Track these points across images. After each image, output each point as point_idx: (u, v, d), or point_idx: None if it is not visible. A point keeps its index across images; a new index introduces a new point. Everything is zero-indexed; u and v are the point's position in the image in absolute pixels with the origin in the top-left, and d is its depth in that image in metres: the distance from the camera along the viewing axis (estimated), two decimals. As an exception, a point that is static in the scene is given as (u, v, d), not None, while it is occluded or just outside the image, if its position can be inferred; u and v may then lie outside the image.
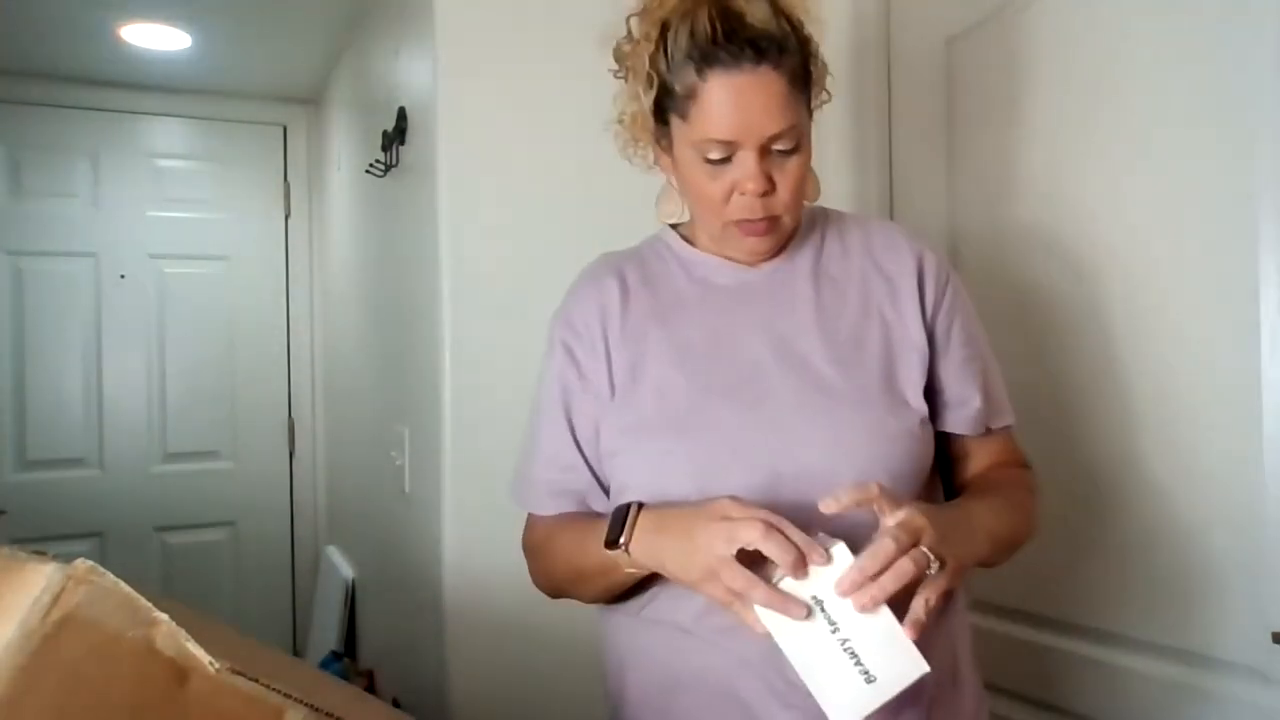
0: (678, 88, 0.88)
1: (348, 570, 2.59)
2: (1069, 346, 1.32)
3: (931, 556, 0.76)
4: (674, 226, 1.04)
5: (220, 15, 2.40)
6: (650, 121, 0.93)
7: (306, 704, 0.60)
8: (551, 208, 1.61)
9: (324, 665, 2.29)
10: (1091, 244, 1.29)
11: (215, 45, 2.61)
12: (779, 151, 0.88)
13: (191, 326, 3.01)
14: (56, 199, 2.86)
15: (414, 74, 1.76)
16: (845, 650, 0.74)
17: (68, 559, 0.58)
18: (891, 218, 1.67)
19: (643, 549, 0.84)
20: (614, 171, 1.01)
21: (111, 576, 0.57)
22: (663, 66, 0.88)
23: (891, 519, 0.77)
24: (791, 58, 0.87)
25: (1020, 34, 1.40)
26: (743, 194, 0.89)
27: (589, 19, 1.75)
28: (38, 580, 0.56)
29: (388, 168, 1.94)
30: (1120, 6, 1.25)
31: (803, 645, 0.75)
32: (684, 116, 0.88)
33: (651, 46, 0.89)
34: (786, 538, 0.75)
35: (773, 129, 0.86)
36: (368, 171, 2.08)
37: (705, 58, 0.85)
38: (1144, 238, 1.22)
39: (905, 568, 0.74)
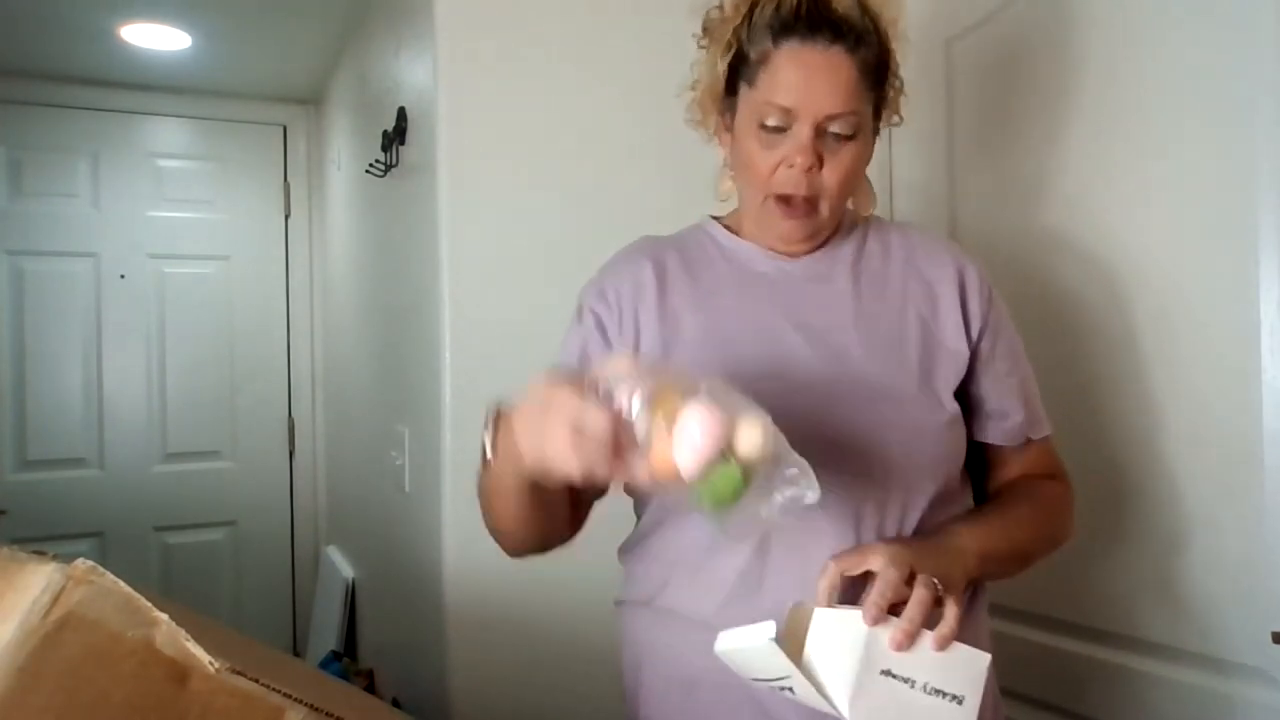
0: (752, 54, 0.90)
1: (348, 570, 2.59)
2: (1069, 347, 1.32)
3: (936, 581, 0.78)
4: (716, 218, 1.04)
5: (220, 15, 2.40)
6: (719, 88, 0.95)
7: (306, 704, 0.60)
8: (551, 207, 1.61)
9: (324, 665, 2.29)
10: (1092, 244, 1.29)
11: (215, 45, 2.61)
12: (834, 135, 0.89)
13: (191, 326, 3.01)
14: (56, 199, 2.87)
15: (414, 74, 1.76)
16: (930, 693, 0.75)
17: (68, 559, 0.58)
18: (891, 219, 1.67)
19: (504, 441, 0.80)
20: (614, 171, 1.01)
21: (111, 576, 0.57)
22: (743, 35, 0.91)
23: (874, 564, 0.80)
24: (867, 51, 0.89)
25: (1020, 34, 1.40)
26: (790, 167, 0.89)
27: (589, 19, 1.75)
28: (38, 580, 0.56)
29: (388, 168, 1.94)
30: (1121, 7, 1.24)
31: (903, 713, 0.75)
32: (751, 83, 0.90)
33: (738, 19, 0.92)
34: None
35: (831, 108, 0.87)
36: (368, 171, 2.08)
37: (784, 27, 0.88)
38: (1145, 237, 1.22)
39: (922, 595, 0.76)
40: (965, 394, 0.97)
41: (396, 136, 1.86)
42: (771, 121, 0.89)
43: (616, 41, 1.65)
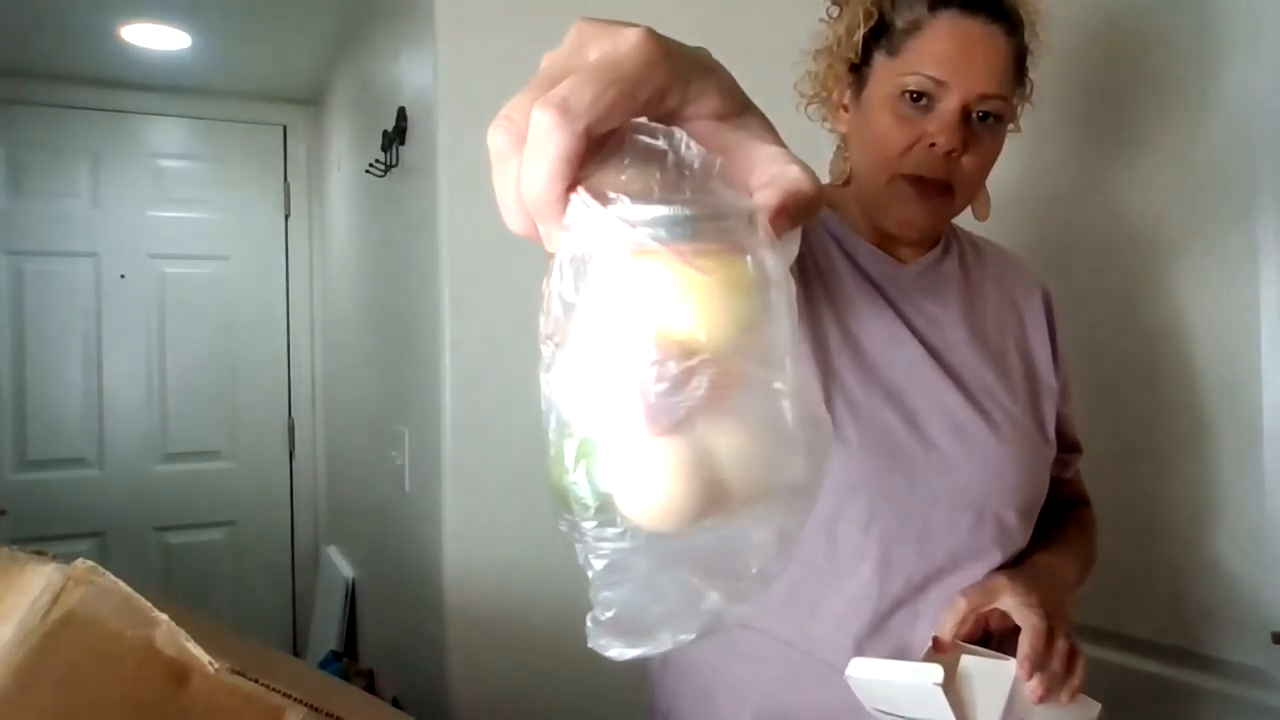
0: (899, 22, 0.82)
1: (348, 570, 2.59)
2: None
3: (1065, 641, 0.76)
4: None
5: (220, 15, 2.40)
6: (853, 55, 0.86)
7: (306, 704, 0.60)
8: (551, 208, 1.61)
9: (324, 665, 2.29)
10: (1095, 245, 1.29)
11: (215, 45, 2.61)
12: (980, 119, 0.82)
13: (191, 326, 3.01)
14: (56, 199, 2.87)
15: (414, 74, 1.76)
16: None
17: (68, 559, 0.58)
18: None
19: None
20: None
21: (111, 576, 0.57)
22: (887, 3, 0.84)
23: (1004, 602, 0.77)
24: (1020, 39, 0.83)
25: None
26: (931, 146, 0.80)
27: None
28: (38, 580, 0.56)
29: (388, 168, 1.94)
30: (1119, 12, 1.24)
31: None
32: (894, 52, 0.83)
33: None
34: None
35: (986, 86, 0.80)
36: (368, 171, 2.08)
37: None
38: (1147, 236, 1.22)
39: (1063, 647, 0.75)
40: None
41: (396, 136, 1.86)
42: (914, 87, 0.80)
43: (616, 41, 1.65)
